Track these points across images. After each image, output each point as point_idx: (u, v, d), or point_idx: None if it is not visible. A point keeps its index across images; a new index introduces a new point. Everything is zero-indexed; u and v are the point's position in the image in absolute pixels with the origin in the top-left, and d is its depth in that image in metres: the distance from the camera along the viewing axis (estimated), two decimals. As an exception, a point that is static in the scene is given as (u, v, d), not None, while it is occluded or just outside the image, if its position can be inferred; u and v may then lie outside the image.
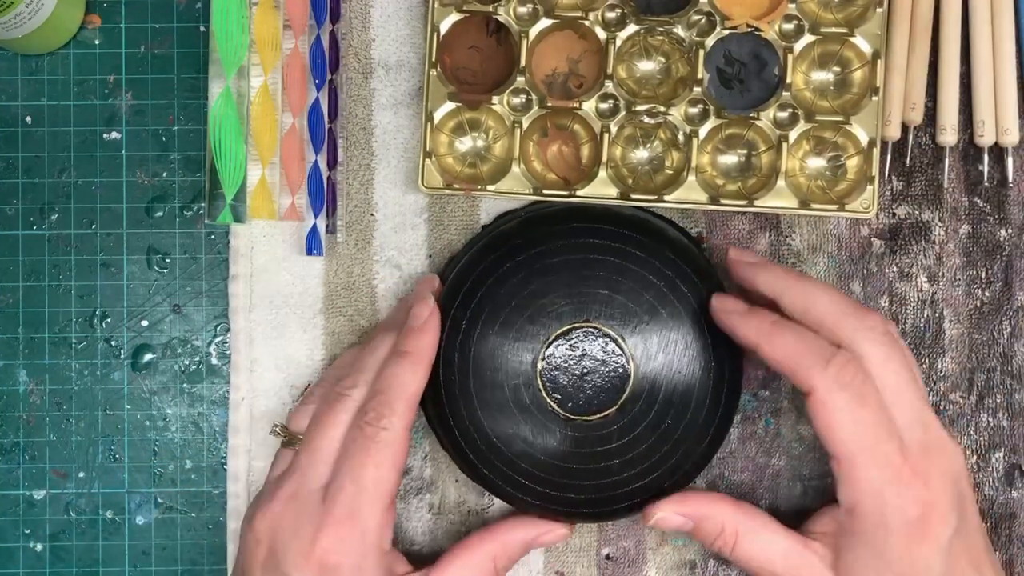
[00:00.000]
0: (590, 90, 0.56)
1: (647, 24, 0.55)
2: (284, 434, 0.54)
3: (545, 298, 0.53)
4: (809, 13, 0.56)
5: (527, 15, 0.56)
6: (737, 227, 0.58)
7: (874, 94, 0.55)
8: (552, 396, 0.53)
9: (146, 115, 0.60)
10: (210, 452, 0.60)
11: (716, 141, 0.57)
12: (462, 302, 0.53)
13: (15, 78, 0.60)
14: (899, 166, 0.59)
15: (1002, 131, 0.58)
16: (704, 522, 0.52)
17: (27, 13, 0.54)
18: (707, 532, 0.52)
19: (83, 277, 0.60)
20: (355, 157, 0.59)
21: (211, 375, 0.60)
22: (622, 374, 0.53)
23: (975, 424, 0.59)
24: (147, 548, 0.59)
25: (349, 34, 0.59)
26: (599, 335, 0.53)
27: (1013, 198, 0.59)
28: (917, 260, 0.59)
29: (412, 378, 0.52)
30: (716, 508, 0.52)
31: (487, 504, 0.58)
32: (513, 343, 0.53)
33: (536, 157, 0.57)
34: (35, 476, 0.59)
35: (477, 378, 0.53)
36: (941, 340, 0.59)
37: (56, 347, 0.59)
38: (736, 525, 0.51)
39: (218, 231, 0.60)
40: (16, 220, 0.60)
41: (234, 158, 0.56)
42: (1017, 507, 0.58)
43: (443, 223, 0.58)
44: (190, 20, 0.60)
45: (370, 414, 0.51)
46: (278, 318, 0.58)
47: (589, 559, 0.58)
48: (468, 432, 0.53)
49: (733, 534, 0.51)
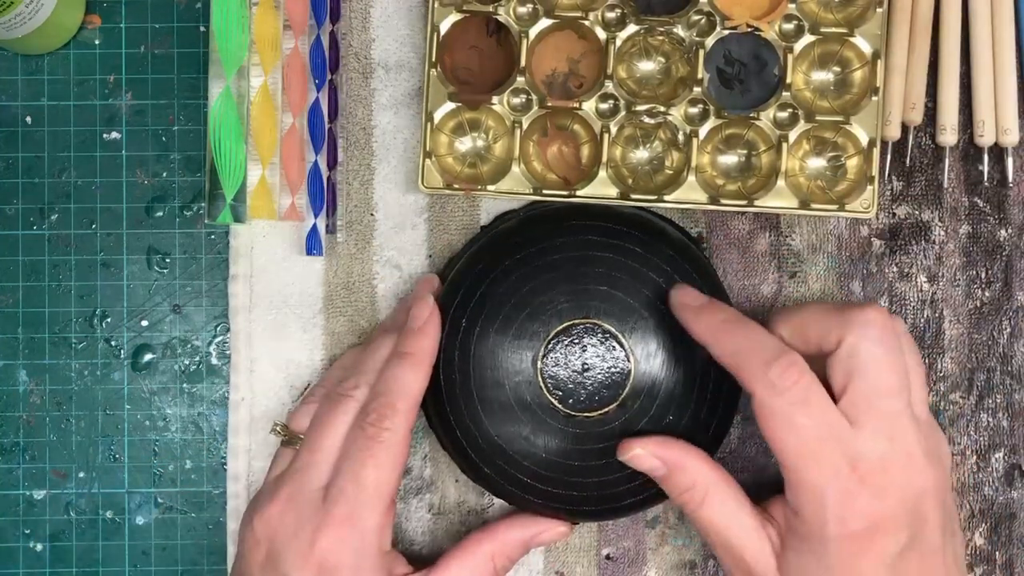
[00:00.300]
0: (590, 90, 0.56)
1: (647, 24, 0.55)
2: (284, 433, 0.54)
3: (545, 295, 0.53)
4: (809, 13, 0.56)
5: (527, 15, 0.56)
6: (737, 227, 0.58)
7: (874, 94, 0.55)
8: (553, 393, 0.53)
9: (146, 115, 0.60)
10: (210, 452, 0.60)
11: (716, 141, 0.57)
12: (461, 301, 0.53)
13: (15, 78, 0.60)
14: (899, 166, 0.59)
15: (1002, 131, 0.58)
16: (677, 473, 0.51)
17: (27, 13, 0.54)
18: (677, 483, 0.51)
19: (83, 277, 0.60)
20: (355, 157, 0.59)
21: (211, 375, 0.60)
22: (622, 371, 0.53)
23: (975, 424, 0.59)
24: (147, 548, 0.59)
25: (349, 34, 0.59)
26: (599, 332, 0.53)
27: (1013, 198, 0.59)
28: (917, 260, 0.59)
29: (414, 379, 0.52)
30: (693, 462, 0.51)
31: (487, 504, 0.58)
32: (513, 341, 0.53)
33: (536, 157, 0.57)
34: (35, 476, 0.59)
35: (477, 376, 0.53)
36: (941, 340, 0.59)
37: (56, 347, 0.59)
38: (708, 485, 0.50)
39: (218, 231, 0.60)
40: (16, 220, 0.60)
41: (234, 158, 0.56)
42: (1017, 507, 0.58)
43: (443, 223, 0.58)
44: (190, 20, 0.60)
45: (372, 415, 0.51)
46: (278, 318, 0.58)
47: (589, 559, 0.58)
48: (468, 431, 0.53)
49: (703, 493, 0.50)
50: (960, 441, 0.58)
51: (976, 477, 0.58)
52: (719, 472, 0.51)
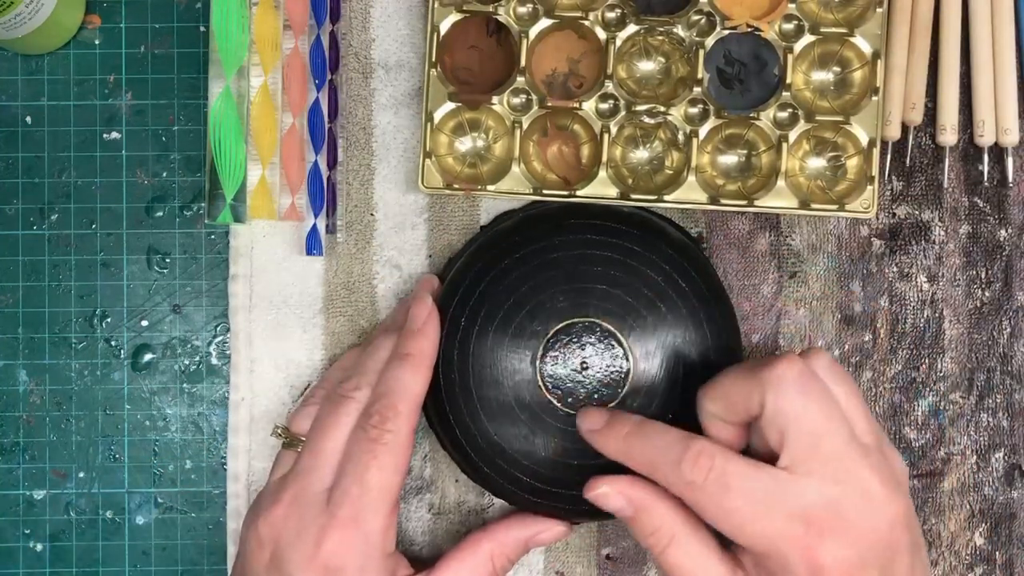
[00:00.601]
0: (590, 90, 0.56)
1: (647, 24, 0.55)
2: (285, 436, 0.54)
3: (543, 294, 0.53)
4: (809, 13, 0.56)
5: (527, 15, 0.56)
6: (737, 227, 0.58)
7: (874, 94, 0.55)
8: (552, 392, 0.53)
9: (146, 115, 0.60)
10: (210, 452, 0.60)
11: (716, 141, 0.57)
12: (460, 300, 0.53)
13: (15, 78, 0.60)
14: (899, 166, 0.59)
15: (1002, 131, 0.58)
16: (643, 514, 0.49)
17: (27, 13, 0.54)
18: (643, 525, 0.49)
19: (83, 277, 0.60)
20: (355, 157, 0.59)
21: (211, 375, 0.60)
22: (621, 370, 0.53)
23: (975, 424, 0.58)
24: (147, 548, 0.59)
25: (349, 34, 0.59)
26: (598, 331, 0.53)
27: (1013, 198, 0.59)
28: (917, 260, 0.59)
29: (414, 380, 0.52)
30: (660, 505, 0.49)
31: (487, 504, 0.58)
32: (512, 340, 0.53)
33: (536, 157, 0.57)
34: (35, 476, 0.59)
35: (476, 375, 0.53)
36: (941, 340, 0.59)
37: (56, 347, 0.59)
38: (674, 529, 0.48)
39: (218, 231, 0.60)
40: (16, 220, 0.60)
41: (234, 158, 0.56)
42: (1017, 507, 0.58)
43: (443, 223, 0.58)
44: (190, 20, 0.60)
45: (374, 417, 0.51)
46: (278, 318, 0.58)
47: (589, 559, 0.58)
48: (468, 430, 0.53)
49: (668, 537, 0.48)
50: (960, 441, 0.58)
51: (976, 477, 0.58)
52: (685, 515, 0.49)
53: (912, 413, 0.58)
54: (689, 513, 0.49)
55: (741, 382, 0.48)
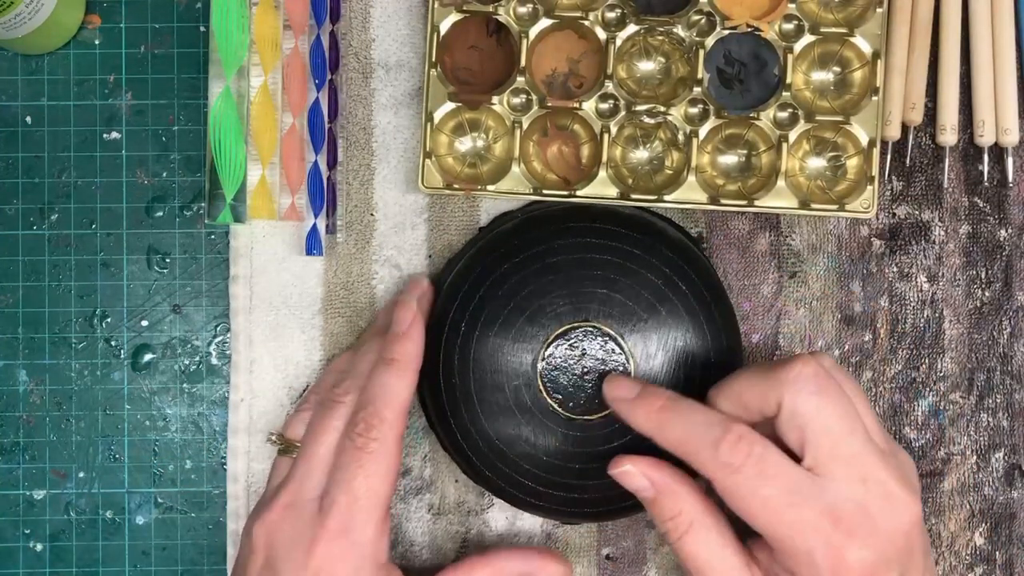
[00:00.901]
0: (590, 90, 0.56)
1: (647, 24, 0.55)
2: (281, 442, 0.54)
3: (544, 298, 0.53)
4: (809, 13, 0.56)
5: (527, 15, 0.56)
6: (737, 227, 0.58)
7: (874, 94, 0.55)
8: (553, 396, 0.53)
9: (146, 115, 0.60)
10: (210, 452, 0.60)
11: (716, 141, 0.57)
12: (461, 304, 0.53)
13: (15, 78, 0.60)
14: (899, 166, 0.59)
15: (1002, 131, 0.58)
16: (664, 498, 0.49)
17: (27, 13, 0.54)
18: (663, 508, 0.49)
19: (83, 277, 0.60)
20: (355, 157, 0.59)
21: (211, 375, 0.60)
22: (622, 373, 0.53)
23: (975, 424, 0.59)
24: (147, 548, 0.59)
25: (349, 34, 0.59)
26: (598, 334, 0.53)
27: (1013, 198, 0.59)
28: (917, 260, 0.59)
29: (400, 385, 0.51)
30: (682, 490, 0.49)
31: (487, 504, 0.58)
32: (513, 344, 0.53)
33: (536, 157, 0.57)
34: (35, 476, 0.59)
35: (477, 379, 0.53)
36: (941, 340, 0.59)
37: (56, 347, 0.59)
38: (693, 516, 0.48)
39: (218, 231, 0.60)
40: (16, 220, 0.60)
41: (234, 158, 0.56)
42: (1017, 507, 0.58)
43: (443, 223, 0.58)
44: (190, 20, 0.60)
45: (360, 426, 0.51)
46: (278, 318, 0.58)
47: (589, 559, 0.58)
48: (469, 434, 0.53)
49: (687, 523, 0.48)
50: (960, 441, 0.58)
51: (976, 477, 0.58)
52: (707, 504, 0.49)
53: (912, 413, 0.59)
54: (709, 503, 0.49)
55: (756, 382, 0.48)
